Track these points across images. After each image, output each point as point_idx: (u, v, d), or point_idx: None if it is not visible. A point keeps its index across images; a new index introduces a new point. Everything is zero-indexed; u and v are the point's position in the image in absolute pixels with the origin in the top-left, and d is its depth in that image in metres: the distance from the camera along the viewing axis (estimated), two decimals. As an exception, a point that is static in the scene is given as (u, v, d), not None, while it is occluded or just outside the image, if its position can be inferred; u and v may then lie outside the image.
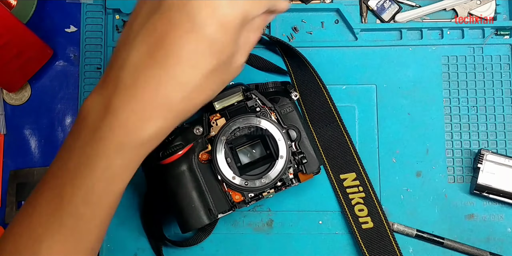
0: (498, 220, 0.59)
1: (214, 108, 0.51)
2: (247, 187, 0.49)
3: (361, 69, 0.62)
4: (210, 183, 0.51)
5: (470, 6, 0.62)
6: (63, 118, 0.63)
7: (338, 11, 0.62)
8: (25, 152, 0.62)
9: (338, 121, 0.60)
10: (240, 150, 0.52)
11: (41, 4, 0.64)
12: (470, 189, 0.59)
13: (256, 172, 0.51)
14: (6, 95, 0.63)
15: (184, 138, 0.51)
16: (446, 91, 0.61)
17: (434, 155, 0.60)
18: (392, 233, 0.58)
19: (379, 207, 0.58)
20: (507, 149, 0.60)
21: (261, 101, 0.52)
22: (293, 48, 0.59)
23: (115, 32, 0.63)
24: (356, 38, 0.62)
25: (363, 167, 0.59)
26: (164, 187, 0.51)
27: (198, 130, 0.51)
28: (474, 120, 0.61)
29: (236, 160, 0.51)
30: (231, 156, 0.50)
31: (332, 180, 0.59)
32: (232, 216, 0.59)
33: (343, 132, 0.60)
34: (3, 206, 0.61)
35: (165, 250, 0.59)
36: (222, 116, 0.51)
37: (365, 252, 0.57)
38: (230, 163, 0.50)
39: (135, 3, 0.38)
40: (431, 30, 0.62)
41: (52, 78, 0.63)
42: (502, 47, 0.62)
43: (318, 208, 0.60)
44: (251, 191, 0.50)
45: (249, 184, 0.49)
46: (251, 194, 0.51)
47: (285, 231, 0.59)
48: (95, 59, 0.62)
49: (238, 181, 0.49)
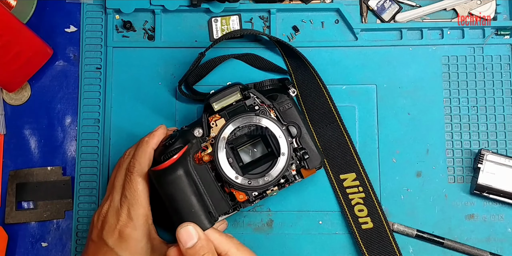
0: (498, 220, 0.59)
1: (213, 109, 0.51)
2: (250, 186, 0.49)
3: (361, 69, 0.62)
4: (208, 185, 0.51)
5: (470, 6, 0.62)
6: (63, 118, 0.63)
7: (338, 11, 0.62)
8: (25, 152, 0.62)
9: (338, 121, 0.60)
10: (241, 149, 0.52)
11: (41, 4, 0.64)
12: (470, 189, 0.59)
13: (258, 170, 0.51)
14: (6, 95, 0.63)
15: (184, 141, 0.51)
16: (446, 91, 0.61)
17: (434, 155, 0.60)
18: (392, 233, 0.58)
19: (379, 207, 0.58)
20: (507, 149, 0.60)
21: (260, 99, 0.52)
22: (293, 48, 0.59)
23: (115, 32, 0.63)
24: (356, 38, 0.62)
25: (363, 167, 0.59)
26: (162, 194, 0.50)
27: (198, 131, 0.51)
28: (474, 120, 0.61)
29: (238, 160, 0.51)
30: (232, 156, 0.50)
31: (332, 180, 0.59)
32: (232, 216, 0.59)
33: (343, 132, 0.60)
34: (3, 206, 0.61)
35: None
36: (222, 117, 0.51)
37: (365, 252, 0.57)
38: (232, 163, 0.50)
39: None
40: (431, 30, 0.62)
41: (52, 78, 0.63)
42: (502, 47, 0.62)
43: (318, 208, 0.60)
44: (255, 190, 0.50)
45: (252, 183, 0.49)
46: (255, 193, 0.51)
47: (285, 231, 0.59)
48: (95, 59, 0.62)
49: (241, 180, 0.49)
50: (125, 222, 0.48)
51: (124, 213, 0.48)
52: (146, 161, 0.50)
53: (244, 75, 0.62)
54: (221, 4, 0.61)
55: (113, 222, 0.49)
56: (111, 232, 0.48)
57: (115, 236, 0.48)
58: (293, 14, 0.63)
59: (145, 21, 0.63)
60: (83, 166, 0.61)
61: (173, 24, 0.63)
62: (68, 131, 0.62)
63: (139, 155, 0.50)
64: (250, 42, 0.62)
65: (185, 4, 0.62)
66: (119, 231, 0.48)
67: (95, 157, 0.61)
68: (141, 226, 0.48)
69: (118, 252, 0.48)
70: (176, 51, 0.62)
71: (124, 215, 0.48)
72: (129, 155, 0.51)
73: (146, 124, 0.61)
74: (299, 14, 0.63)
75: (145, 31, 0.63)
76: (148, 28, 0.63)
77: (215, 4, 0.61)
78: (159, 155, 0.51)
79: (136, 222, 0.48)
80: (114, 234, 0.48)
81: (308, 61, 0.60)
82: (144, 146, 0.50)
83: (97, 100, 0.62)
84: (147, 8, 0.62)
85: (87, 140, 0.61)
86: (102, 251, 0.48)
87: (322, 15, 0.63)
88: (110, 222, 0.49)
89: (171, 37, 0.63)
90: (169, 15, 0.63)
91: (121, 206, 0.49)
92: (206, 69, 0.61)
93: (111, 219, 0.49)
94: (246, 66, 0.62)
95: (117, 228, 0.48)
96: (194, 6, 0.61)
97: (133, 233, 0.48)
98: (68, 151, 0.62)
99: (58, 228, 0.61)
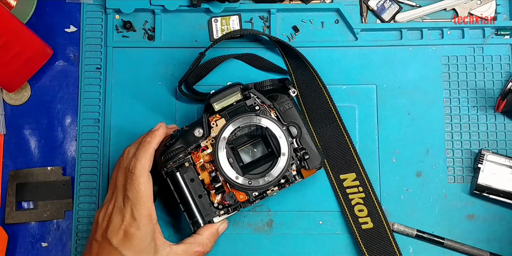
0: (498, 220, 0.59)
1: (213, 109, 0.51)
2: (251, 186, 0.49)
3: (361, 69, 0.62)
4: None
5: (470, 6, 0.62)
6: (63, 118, 0.63)
7: (338, 11, 0.62)
8: (24, 152, 0.62)
9: (338, 121, 0.60)
10: (241, 149, 0.52)
11: (41, 4, 0.64)
12: (470, 189, 0.59)
13: (258, 170, 0.51)
14: (6, 95, 0.63)
15: (185, 141, 0.51)
16: (446, 91, 0.61)
17: (434, 155, 0.60)
18: (392, 234, 0.58)
19: (379, 207, 0.58)
20: (507, 149, 0.60)
21: (260, 100, 0.52)
22: (293, 48, 0.59)
23: (115, 32, 0.63)
24: (356, 38, 0.62)
25: (363, 167, 0.59)
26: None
27: (198, 132, 0.51)
28: (474, 120, 0.61)
29: (238, 160, 0.51)
30: (233, 156, 0.50)
31: (332, 180, 0.59)
32: (232, 216, 0.59)
33: (343, 132, 0.60)
34: (3, 206, 0.61)
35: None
36: (222, 117, 0.51)
37: (365, 252, 0.57)
38: (233, 163, 0.50)
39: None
40: (431, 30, 0.62)
41: (52, 78, 0.63)
42: (502, 47, 0.62)
43: (318, 208, 0.60)
44: (255, 190, 0.50)
45: (252, 183, 0.49)
46: (255, 193, 0.51)
47: (285, 231, 0.59)
48: (95, 59, 0.62)
49: (241, 180, 0.49)
50: (129, 222, 0.48)
51: (128, 213, 0.49)
52: (148, 162, 0.50)
53: (244, 75, 0.62)
54: (221, 4, 0.61)
55: (117, 222, 0.49)
56: (115, 232, 0.49)
57: (119, 235, 0.48)
58: (293, 14, 0.63)
59: (145, 21, 0.63)
60: (83, 166, 0.61)
61: (173, 24, 0.63)
62: (68, 131, 0.62)
63: (141, 155, 0.50)
64: (250, 42, 0.62)
65: (185, 4, 0.62)
66: (124, 230, 0.48)
67: (95, 157, 0.61)
68: (145, 226, 0.48)
69: (122, 252, 0.48)
70: (176, 51, 0.62)
71: (128, 215, 0.49)
72: (129, 154, 0.52)
73: (146, 124, 0.61)
74: (299, 14, 0.63)
75: (145, 31, 0.63)
76: (148, 28, 0.63)
77: (215, 4, 0.61)
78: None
79: (140, 222, 0.48)
80: (118, 233, 0.48)
81: (308, 61, 0.60)
82: (146, 147, 0.51)
83: (97, 100, 0.62)
84: (147, 8, 0.62)
85: (87, 140, 0.61)
86: (106, 251, 0.49)
87: (322, 15, 0.63)
88: (115, 222, 0.49)
89: (171, 37, 0.63)
90: (169, 15, 0.63)
91: (124, 206, 0.49)
92: (206, 69, 0.61)
93: (116, 219, 0.49)
94: (246, 66, 0.62)
95: (121, 228, 0.48)
96: (194, 6, 0.61)
97: (137, 233, 0.48)
98: (68, 151, 0.62)
99: (58, 228, 0.61)
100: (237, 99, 0.51)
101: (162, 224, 0.54)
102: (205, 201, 0.52)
